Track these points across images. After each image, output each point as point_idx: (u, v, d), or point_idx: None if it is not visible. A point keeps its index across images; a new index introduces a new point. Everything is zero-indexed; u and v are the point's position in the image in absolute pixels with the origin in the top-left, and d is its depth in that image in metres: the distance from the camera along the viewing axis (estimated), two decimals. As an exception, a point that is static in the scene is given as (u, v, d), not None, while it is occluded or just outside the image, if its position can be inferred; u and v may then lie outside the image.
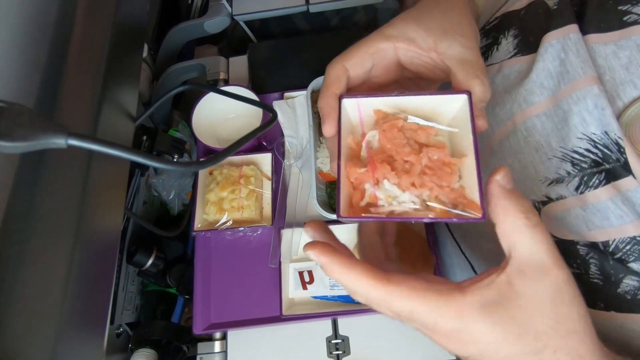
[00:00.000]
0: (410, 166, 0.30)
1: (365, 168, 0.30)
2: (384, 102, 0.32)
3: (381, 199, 0.29)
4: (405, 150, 0.30)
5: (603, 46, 0.34)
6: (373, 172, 0.30)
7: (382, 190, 0.29)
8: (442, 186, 0.29)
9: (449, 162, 0.29)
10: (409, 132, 0.31)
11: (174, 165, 0.29)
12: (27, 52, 0.29)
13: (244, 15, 0.71)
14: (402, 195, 0.29)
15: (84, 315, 0.30)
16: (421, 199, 0.29)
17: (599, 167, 0.33)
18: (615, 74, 0.33)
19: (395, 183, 0.29)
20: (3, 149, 0.22)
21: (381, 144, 0.31)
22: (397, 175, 0.29)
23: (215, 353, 0.55)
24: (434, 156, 0.30)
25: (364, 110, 0.33)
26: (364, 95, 0.32)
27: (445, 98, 0.31)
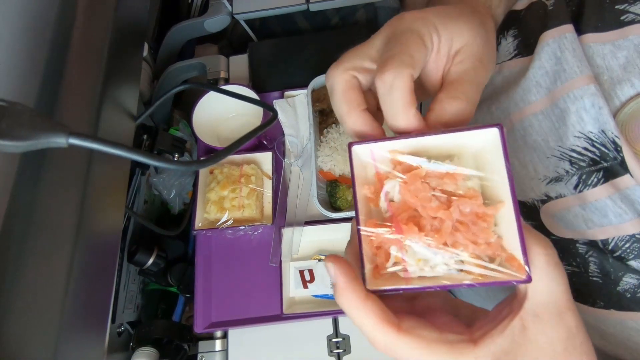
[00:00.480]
0: (441, 223, 0.26)
1: (387, 229, 0.26)
2: (400, 145, 0.28)
3: (411, 264, 0.26)
4: (433, 205, 0.26)
5: (601, 46, 0.34)
6: (398, 232, 0.26)
7: (410, 255, 0.26)
8: (478, 243, 0.25)
9: (484, 214, 0.25)
10: (435, 181, 0.27)
11: (175, 164, 0.29)
12: (28, 52, 0.29)
13: (244, 14, 0.71)
14: (434, 257, 0.25)
15: (85, 314, 0.30)
16: (455, 261, 0.25)
17: (597, 166, 0.33)
18: (613, 73, 0.33)
19: (425, 245, 0.25)
20: (4, 148, 0.22)
21: (403, 197, 0.27)
22: (426, 235, 0.26)
23: (216, 352, 0.55)
24: (466, 209, 0.26)
25: (378, 156, 0.29)
26: (377, 140, 0.28)
27: (473, 134, 0.26)
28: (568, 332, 0.24)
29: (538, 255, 0.24)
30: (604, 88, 0.33)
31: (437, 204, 0.26)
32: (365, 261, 0.26)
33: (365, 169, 0.29)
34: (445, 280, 0.25)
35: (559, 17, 0.36)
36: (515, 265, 0.24)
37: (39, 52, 0.30)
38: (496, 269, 0.24)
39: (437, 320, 0.26)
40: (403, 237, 0.26)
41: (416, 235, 0.25)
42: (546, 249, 0.24)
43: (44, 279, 0.27)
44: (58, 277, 0.27)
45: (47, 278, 0.27)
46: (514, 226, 0.24)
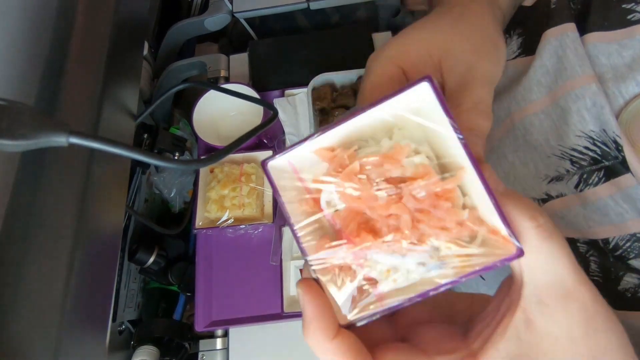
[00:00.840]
0: (397, 220, 0.21)
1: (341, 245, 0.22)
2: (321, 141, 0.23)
3: (379, 279, 0.21)
4: (381, 202, 0.21)
5: (606, 45, 0.34)
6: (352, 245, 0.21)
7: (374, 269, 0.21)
8: (448, 228, 0.21)
9: (444, 192, 0.21)
10: (375, 171, 0.22)
11: (175, 163, 0.29)
12: (28, 51, 0.29)
13: (244, 13, 0.71)
14: (403, 262, 0.21)
15: (86, 313, 0.30)
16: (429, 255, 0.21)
17: (598, 165, 0.33)
18: (618, 72, 0.33)
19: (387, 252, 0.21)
20: (4, 148, 0.22)
21: (346, 203, 0.22)
22: (384, 240, 0.21)
23: (217, 350, 0.55)
24: (420, 193, 0.21)
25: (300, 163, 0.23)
26: (293, 146, 0.23)
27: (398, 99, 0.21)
28: (584, 312, 0.20)
29: (527, 229, 0.20)
30: (607, 86, 0.33)
31: (386, 199, 0.21)
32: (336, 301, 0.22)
33: (294, 185, 0.24)
34: (423, 286, 0.21)
35: (561, 16, 0.36)
36: (500, 238, 0.20)
37: (39, 51, 0.30)
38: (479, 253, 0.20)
39: (426, 337, 0.22)
40: (359, 251, 0.21)
41: (373, 244, 0.21)
42: (536, 219, 0.20)
43: (45, 278, 0.27)
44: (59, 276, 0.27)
45: (48, 277, 0.27)
46: (483, 191, 0.20)
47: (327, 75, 0.62)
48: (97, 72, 0.35)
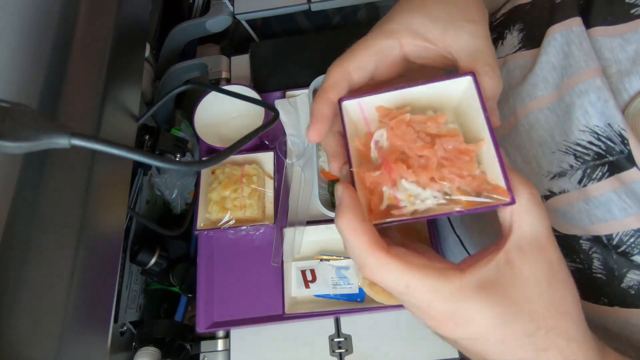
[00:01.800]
0: (427, 161, 0.28)
1: (379, 171, 0.28)
2: (385, 98, 0.31)
3: (402, 199, 0.28)
4: (418, 145, 0.28)
5: (610, 39, 0.34)
6: (389, 174, 0.28)
7: (401, 191, 0.28)
8: (463, 175, 0.27)
9: (466, 150, 0.28)
10: (418, 125, 0.29)
11: (177, 164, 0.29)
12: (30, 53, 0.29)
13: (245, 14, 0.71)
14: (423, 192, 0.27)
15: (88, 314, 0.30)
16: (443, 193, 0.27)
17: (602, 160, 0.33)
18: (622, 66, 0.33)
19: (413, 181, 0.27)
20: (6, 149, 0.23)
21: (391, 142, 0.29)
22: (414, 172, 0.28)
23: (219, 351, 0.55)
24: (448, 146, 0.28)
25: (366, 110, 0.32)
26: (364, 94, 0.31)
27: (448, 83, 0.30)
28: (550, 265, 0.26)
29: (522, 194, 0.26)
30: (612, 81, 0.33)
31: (422, 144, 0.28)
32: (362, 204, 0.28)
33: (355, 124, 0.31)
34: (436, 211, 0.27)
35: (566, 10, 0.36)
36: (500, 192, 0.26)
37: (41, 53, 0.30)
38: (484, 201, 0.26)
39: (426, 254, 0.28)
40: (394, 175, 0.28)
41: (405, 172, 0.27)
42: (530, 189, 0.26)
43: (47, 279, 0.27)
44: (61, 277, 0.27)
45: (50, 278, 0.27)
46: (495, 161, 0.26)
47: (328, 76, 0.62)
48: (99, 74, 0.35)
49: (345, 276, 0.55)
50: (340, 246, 0.57)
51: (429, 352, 0.52)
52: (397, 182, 0.28)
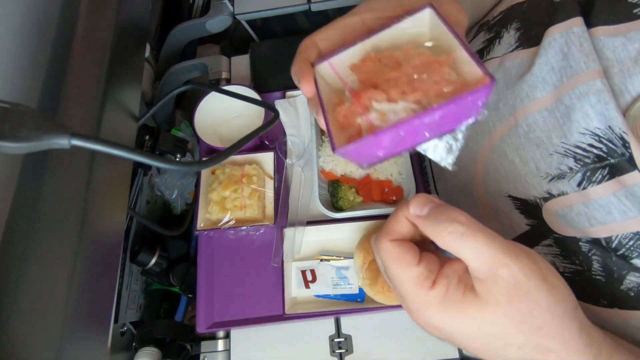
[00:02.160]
0: (396, 80, 0.27)
1: (349, 103, 0.28)
2: (355, 53, 0.31)
3: (375, 118, 0.26)
4: (385, 70, 0.28)
5: (612, 38, 0.33)
6: (359, 100, 0.27)
7: (374, 113, 0.26)
8: (438, 82, 0.26)
9: (436, 60, 0.27)
10: (385, 59, 0.29)
11: (177, 164, 0.29)
12: (30, 53, 0.29)
13: (245, 15, 0.71)
14: (395, 106, 0.26)
15: (88, 314, 0.30)
16: (419, 104, 0.26)
17: (602, 162, 0.33)
18: (624, 66, 0.33)
19: (384, 99, 0.26)
20: (6, 150, 0.23)
21: (360, 80, 0.29)
22: (383, 91, 0.27)
23: (219, 351, 0.55)
24: (416, 61, 0.27)
25: (339, 68, 0.31)
26: (332, 54, 0.31)
27: (409, 20, 0.29)
28: (509, 283, 0.27)
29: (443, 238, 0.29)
30: (614, 82, 0.33)
31: (389, 69, 0.28)
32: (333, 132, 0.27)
33: (331, 86, 0.32)
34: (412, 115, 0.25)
35: (566, 10, 0.36)
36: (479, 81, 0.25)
37: (42, 53, 0.30)
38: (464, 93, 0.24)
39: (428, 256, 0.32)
40: (363, 100, 0.27)
41: (374, 94, 0.27)
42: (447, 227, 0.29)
43: (47, 279, 0.27)
44: (61, 278, 0.27)
45: (50, 278, 0.27)
46: (468, 58, 0.25)
47: (328, 76, 0.62)
48: (99, 74, 0.35)
49: (346, 276, 0.55)
50: (340, 246, 0.57)
51: (429, 352, 0.52)
52: (368, 107, 0.27)
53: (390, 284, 0.33)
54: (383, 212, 0.55)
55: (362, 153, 0.27)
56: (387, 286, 0.49)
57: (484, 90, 0.24)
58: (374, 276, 0.49)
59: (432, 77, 0.26)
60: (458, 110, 0.25)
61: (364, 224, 0.56)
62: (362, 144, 0.25)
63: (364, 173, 0.58)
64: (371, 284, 0.50)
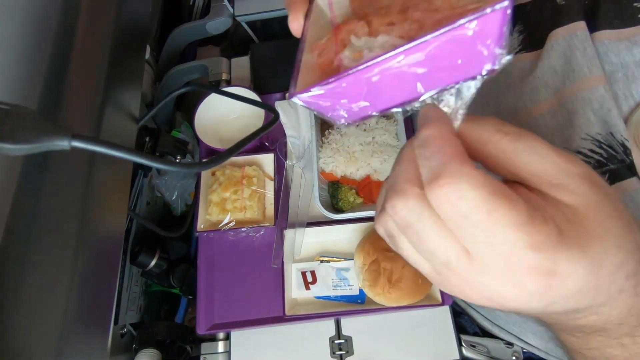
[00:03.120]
0: (387, 9, 0.21)
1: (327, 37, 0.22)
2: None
3: (346, 56, 0.21)
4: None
5: (616, 43, 0.33)
6: (336, 36, 0.22)
7: (348, 51, 0.21)
8: (439, 8, 0.19)
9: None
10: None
11: (177, 166, 0.29)
12: (31, 55, 0.30)
13: (245, 16, 0.71)
14: (374, 42, 0.20)
15: (88, 316, 0.30)
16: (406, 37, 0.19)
17: (602, 168, 0.33)
18: (629, 71, 0.33)
19: (365, 33, 0.21)
20: (7, 151, 0.23)
21: (353, 9, 0.24)
22: (366, 23, 0.21)
23: (219, 353, 0.55)
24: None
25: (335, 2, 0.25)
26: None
27: None
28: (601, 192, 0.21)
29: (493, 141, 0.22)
30: (618, 87, 0.33)
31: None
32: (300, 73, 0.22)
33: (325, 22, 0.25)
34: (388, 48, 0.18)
35: (569, 14, 0.36)
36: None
37: (42, 55, 0.30)
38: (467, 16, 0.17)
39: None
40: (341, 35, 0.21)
41: (355, 26, 0.21)
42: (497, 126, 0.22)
43: (47, 281, 0.27)
44: (61, 279, 0.27)
45: (50, 279, 0.27)
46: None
47: (328, 78, 0.62)
48: (99, 75, 0.35)
49: (346, 278, 0.55)
50: (340, 247, 0.57)
51: (429, 354, 0.52)
52: (346, 43, 0.22)
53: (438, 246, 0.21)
54: (383, 213, 0.55)
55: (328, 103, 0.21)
56: (387, 287, 0.49)
57: (495, 14, 0.16)
58: (374, 277, 0.49)
59: (431, 2, 0.19)
60: (461, 49, 0.17)
61: (364, 225, 0.56)
62: (322, 90, 0.20)
63: (364, 174, 0.58)
64: (371, 286, 0.50)
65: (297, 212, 0.59)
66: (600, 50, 0.34)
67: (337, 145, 0.59)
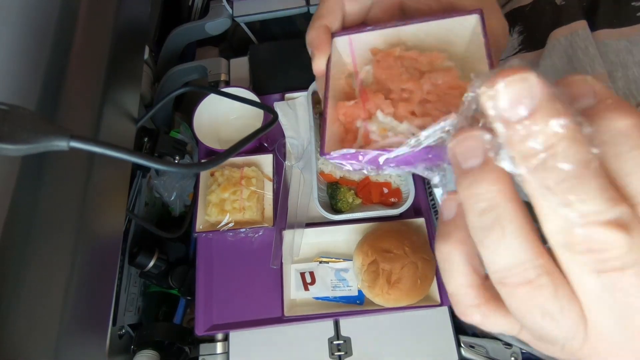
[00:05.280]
0: (410, 94, 0.24)
1: (355, 101, 0.25)
2: (381, 37, 0.27)
3: (373, 131, 0.24)
4: (403, 77, 0.25)
5: (615, 42, 0.33)
6: (364, 103, 0.24)
7: (374, 123, 0.24)
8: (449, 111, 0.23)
9: (458, 85, 0.23)
10: (409, 61, 0.25)
11: (176, 166, 0.29)
12: (30, 55, 0.29)
13: (244, 17, 0.71)
14: (399, 125, 0.23)
15: (86, 317, 0.30)
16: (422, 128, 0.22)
17: None
18: (628, 70, 0.33)
19: (390, 113, 0.23)
20: (5, 152, 0.22)
21: (375, 76, 0.26)
22: (392, 104, 0.24)
23: (218, 354, 0.55)
24: (438, 80, 0.24)
25: (357, 49, 0.28)
26: (357, 30, 0.27)
27: (453, 22, 0.25)
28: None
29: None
30: (618, 86, 0.33)
31: (408, 77, 0.24)
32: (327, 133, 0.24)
33: (344, 64, 0.28)
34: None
35: (570, 13, 0.36)
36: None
37: (41, 55, 0.30)
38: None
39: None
40: (369, 106, 0.24)
41: (382, 103, 0.24)
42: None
43: (45, 282, 0.27)
44: (59, 280, 0.27)
45: (48, 280, 0.27)
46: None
47: (327, 78, 0.62)
48: (98, 76, 0.35)
49: (345, 278, 0.55)
50: (339, 248, 0.57)
51: (428, 355, 0.52)
52: (372, 114, 0.24)
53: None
54: (382, 214, 0.55)
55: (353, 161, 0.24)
56: (386, 288, 0.49)
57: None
58: (373, 278, 0.49)
59: (448, 104, 0.23)
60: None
61: (363, 226, 0.56)
62: (349, 156, 0.22)
63: (363, 175, 0.58)
64: (370, 286, 0.50)
65: (296, 212, 0.59)
66: (600, 49, 0.34)
67: (336, 146, 0.59)
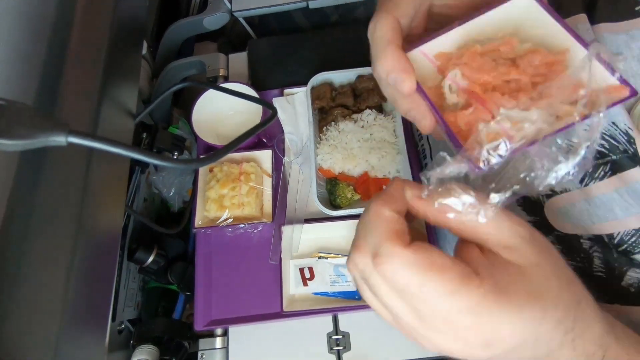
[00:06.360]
0: (517, 83, 0.24)
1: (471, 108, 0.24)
2: (447, 40, 0.27)
3: (508, 128, 0.23)
4: (502, 70, 0.25)
5: (614, 36, 0.33)
6: (484, 105, 0.24)
7: (503, 121, 0.23)
8: (561, 88, 0.23)
9: (555, 60, 0.24)
10: (492, 54, 0.26)
11: (174, 162, 0.29)
12: (27, 50, 0.29)
13: (243, 12, 0.70)
14: (530, 114, 0.23)
15: (85, 312, 0.30)
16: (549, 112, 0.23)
17: (604, 159, 0.33)
18: (628, 64, 0.33)
19: (513, 106, 0.23)
20: (3, 147, 0.22)
21: (469, 78, 0.25)
22: (510, 97, 0.24)
23: (217, 349, 0.55)
24: (535, 61, 0.24)
25: (430, 55, 0.28)
26: (423, 41, 0.28)
27: (508, 6, 0.26)
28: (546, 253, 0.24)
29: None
30: None
31: (506, 68, 0.25)
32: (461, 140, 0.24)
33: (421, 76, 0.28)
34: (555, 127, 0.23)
35: (569, 7, 0.36)
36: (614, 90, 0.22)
37: (38, 50, 0.30)
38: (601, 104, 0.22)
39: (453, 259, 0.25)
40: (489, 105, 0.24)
41: (501, 99, 0.24)
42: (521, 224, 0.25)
43: (45, 278, 0.27)
44: (58, 276, 0.27)
45: (48, 276, 0.27)
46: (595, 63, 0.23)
47: (326, 74, 0.62)
48: (96, 71, 0.34)
49: (344, 274, 0.55)
50: (338, 244, 0.57)
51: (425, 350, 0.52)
52: (494, 113, 0.24)
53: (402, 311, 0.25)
54: (381, 209, 0.55)
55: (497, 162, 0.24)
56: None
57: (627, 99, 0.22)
58: (371, 274, 0.49)
59: (557, 80, 0.23)
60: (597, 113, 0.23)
61: (361, 222, 0.56)
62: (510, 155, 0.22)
63: (362, 171, 0.58)
64: (369, 282, 0.50)
65: (295, 208, 0.59)
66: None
67: (335, 142, 0.59)
